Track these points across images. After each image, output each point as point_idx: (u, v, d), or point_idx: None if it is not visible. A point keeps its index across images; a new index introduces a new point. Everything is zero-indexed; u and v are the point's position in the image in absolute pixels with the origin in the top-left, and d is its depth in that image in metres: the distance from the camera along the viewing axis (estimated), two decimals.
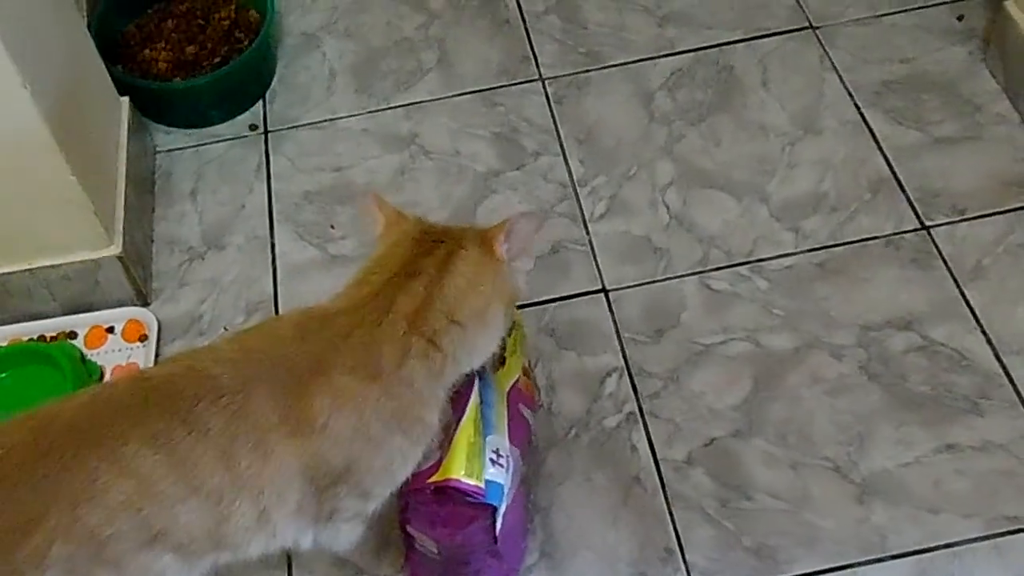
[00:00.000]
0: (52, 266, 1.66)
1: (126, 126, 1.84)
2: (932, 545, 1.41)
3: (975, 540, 1.40)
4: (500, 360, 1.39)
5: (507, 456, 1.29)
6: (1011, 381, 1.54)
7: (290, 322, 1.19)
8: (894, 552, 1.40)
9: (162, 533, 1.09)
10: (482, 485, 1.23)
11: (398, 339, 1.14)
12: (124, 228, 1.70)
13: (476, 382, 1.27)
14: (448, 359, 1.17)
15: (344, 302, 1.19)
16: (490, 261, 1.21)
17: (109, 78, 1.84)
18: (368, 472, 1.17)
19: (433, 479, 1.23)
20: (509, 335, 1.42)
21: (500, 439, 1.29)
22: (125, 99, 1.87)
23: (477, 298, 1.19)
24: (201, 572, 1.17)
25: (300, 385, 1.11)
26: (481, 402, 1.29)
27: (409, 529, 1.31)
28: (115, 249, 1.67)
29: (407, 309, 1.15)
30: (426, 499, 1.24)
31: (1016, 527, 1.41)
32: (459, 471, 1.21)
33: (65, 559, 1.05)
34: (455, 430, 1.24)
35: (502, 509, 1.26)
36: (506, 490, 1.27)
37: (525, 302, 1.68)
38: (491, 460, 1.26)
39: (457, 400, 1.26)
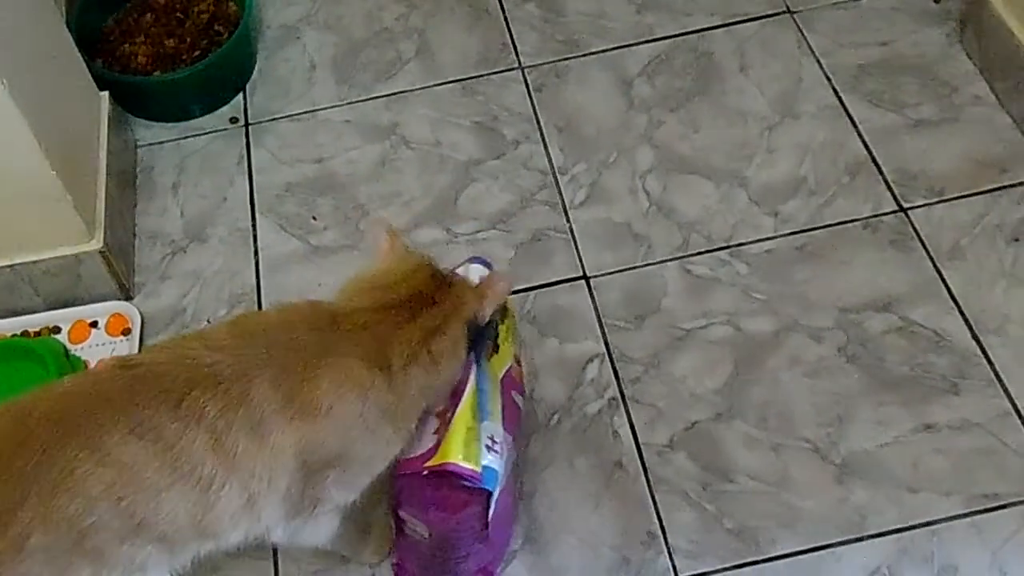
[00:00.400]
0: (34, 261, 1.66)
1: (106, 121, 1.84)
2: (911, 524, 1.42)
3: (954, 518, 1.42)
4: (494, 347, 1.40)
5: (502, 443, 1.30)
6: (988, 360, 1.56)
7: (301, 311, 1.22)
8: (873, 531, 1.42)
9: (145, 523, 1.09)
10: (479, 470, 1.23)
11: (411, 345, 1.19)
12: (106, 222, 1.70)
13: (473, 369, 1.28)
14: (440, 379, 1.23)
15: (368, 301, 1.22)
16: (481, 304, 1.28)
17: (88, 73, 1.84)
18: (356, 460, 1.18)
19: (430, 463, 1.23)
20: (502, 322, 1.43)
21: (495, 425, 1.30)
22: (105, 94, 1.87)
23: (465, 340, 1.26)
24: (182, 564, 1.18)
25: (309, 368, 1.13)
26: (477, 388, 1.30)
27: (400, 513, 1.31)
28: (97, 244, 1.67)
29: (426, 326, 1.20)
30: (420, 483, 1.25)
31: (994, 504, 1.43)
32: (457, 455, 1.22)
33: (43, 549, 1.06)
34: (452, 415, 1.25)
35: (495, 495, 1.27)
36: (500, 476, 1.28)
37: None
38: (487, 447, 1.27)
39: (455, 387, 1.27)
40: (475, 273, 1.37)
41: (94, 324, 1.72)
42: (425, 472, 1.23)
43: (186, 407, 1.09)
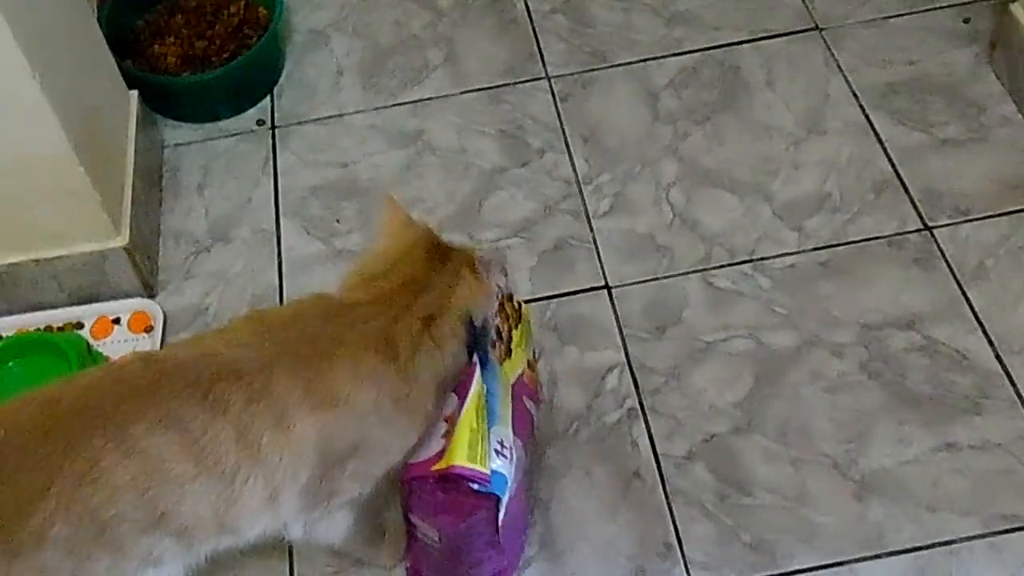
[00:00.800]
0: (59, 257, 1.67)
1: (135, 120, 1.85)
2: (930, 543, 1.41)
3: (972, 538, 1.41)
4: (506, 352, 1.40)
5: (511, 447, 1.30)
6: (1011, 381, 1.55)
7: (311, 304, 1.24)
8: (892, 549, 1.41)
9: (167, 515, 1.10)
10: (486, 471, 1.23)
11: (413, 335, 1.20)
12: (131, 220, 1.71)
13: (476, 371, 1.28)
14: (446, 361, 1.24)
15: (364, 294, 1.24)
16: (479, 286, 1.28)
17: (118, 72, 1.86)
18: (373, 450, 1.19)
19: (437, 467, 1.23)
20: (516, 328, 1.43)
21: (505, 430, 1.30)
22: (134, 93, 1.89)
23: (466, 319, 1.27)
24: (197, 559, 1.19)
25: (325, 359, 1.15)
26: (487, 392, 1.30)
27: (412, 517, 1.31)
28: (122, 241, 1.68)
29: (422, 314, 1.22)
30: (430, 487, 1.25)
31: (1013, 526, 1.41)
32: (462, 458, 1.22)
33: (65, 540, 1.06)
34: (457, 419, 1.24)
35: (505, 500, 1.27)
36: (509, 481, 1.27)
37: (528, 297, 1.69)
38: (495, 451, 1.26)
39: (458, 389, 1.27)
40: None
41: (117, 320, 1.73)
42: (433, 477, 1.23)
43: (211, 400, 1.10)
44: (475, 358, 1.29)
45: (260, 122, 2.02)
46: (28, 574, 1.07)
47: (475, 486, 1.23)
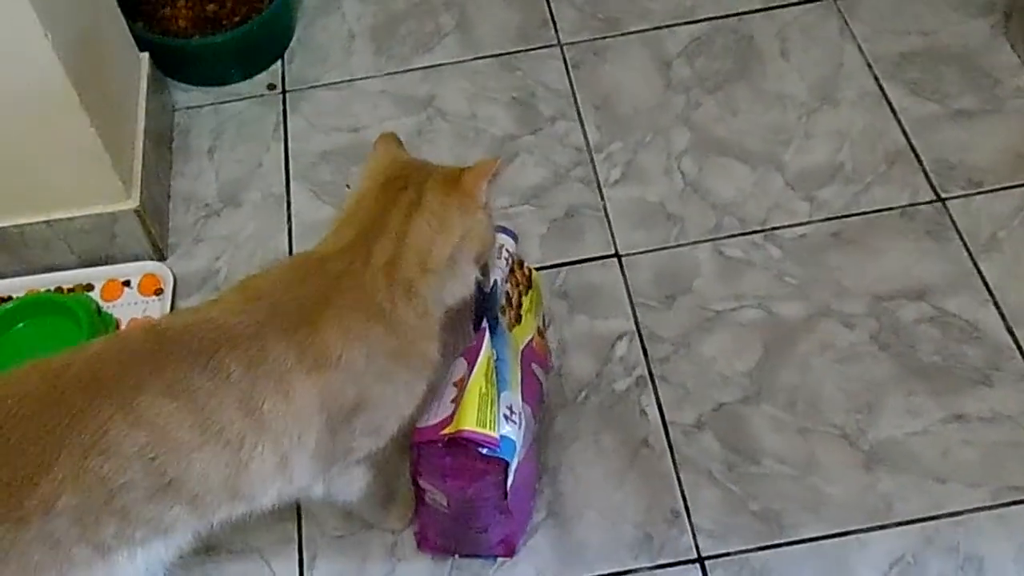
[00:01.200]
0: (69, 218, 1.67)
1: (145, 82, 1.85)
2: (937, 513, 1.41)
3: (980, 509, 1.41)
4: (516, 318, 1.40)
5: (520, 413, 1.30)
6: (1021, 353, 1.54)
7: (292, 265, 1.24)
8: (899, 519, 1.41)
9: (175, 483, 1.10)
10: (495, 435, 1.23)
11: (383, 288, 1.18)
12: (141, 182, 1.71)
13: (486, 337, 1.28)
14: (429, 302, 1.21)
15: (329, 247, 1.23)
16: (459, 205, 1.23)
17: (129, 34, 1.85)
18: (378, 406, 1.19)
19: (446, 431, 1.23)
20: (526, 294, 1.43)
21: (514, 396, 1.30)
22: (145, 55, 1.88)
23: (444, 245, 1.21)
24: (207, 527, 1.19)
25: (311, 323, 1.14)
26: (496, 358, 1.30)
27: (420, 481, 1.31)
28: (132, 203, 1.68)
29: (381, 262, 1.19)
30: (438, 451, 1.25)
31: (1020, 497, 1.41)
32: (471, 422, 1.22)
33: (72, 509, 1.06)
34: (467, 384, 1.24)
35: (513, 465, 1.27)
36: (518, 447, 1.28)
37: (539, 265, 1.69)
38: (504, 416, 1.26)
39: (468, 354, 1.27)
40: (498, 243, 1.36)
41: (127, 283, 1.73)
42: (442, 441, 1.23)
43: (213, 367, 1.10)
44: (484, 323, 1.29)
45: (271, 86, 2.01)
46: (36, 542, 1.07)
47: (484, 451, 1.23)
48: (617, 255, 1.71)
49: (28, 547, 1.07)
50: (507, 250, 1.38)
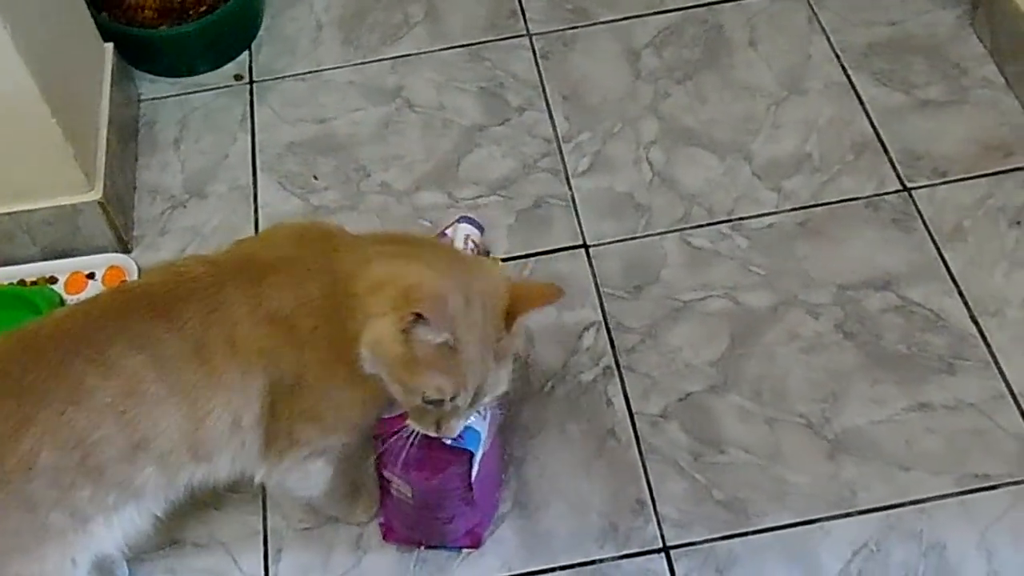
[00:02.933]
0: (32, 210, 1.65)
1: (110, 73, 1.83)
2: (901, 501, 1.42)
3: (944, 497, 1.42)
4: None
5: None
6: (985, 342, 1.55)
7: (288, 229, 1.25)
8: (863, 507, 1.42)
9: (144, 440, 1.11)
10: None
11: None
12: (105, 174, 1.69)
13: None
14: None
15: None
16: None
17: (93, 24, 1.84)
18: (317, 392, 1.17)
19: None
20: None
21: None
22: (109, 46, 1.87)
23: None
24: (177, 489, 1.20)
25: (270, 276, 1.13)
26: None
27: (385, 473, 1.31)
28: (96, 195, 1.67)
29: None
30: (403, 442, 1.24)
31: (984, 485, 1.42)
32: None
33: (52, 468, 1.08)
34: None
35: (478, 456, 1.27)
36: (483, 437, 1.27)
37: (506, 256, 1.69)
38: None
39: None
40: (463, 232, 1.36)
41: (91, 276, 1.71)
42: (405, 431, 1.22)
43: (173, 317, 1.11)
44: None
45: (238, 77, 2.00)
46: (14, 505, 1.09)
47: (448, 441, 1.23)
48: (585, 245, 1.71)
49: (6, 510, 1.08)
50: (473, 240, 1.38)
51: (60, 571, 1.16)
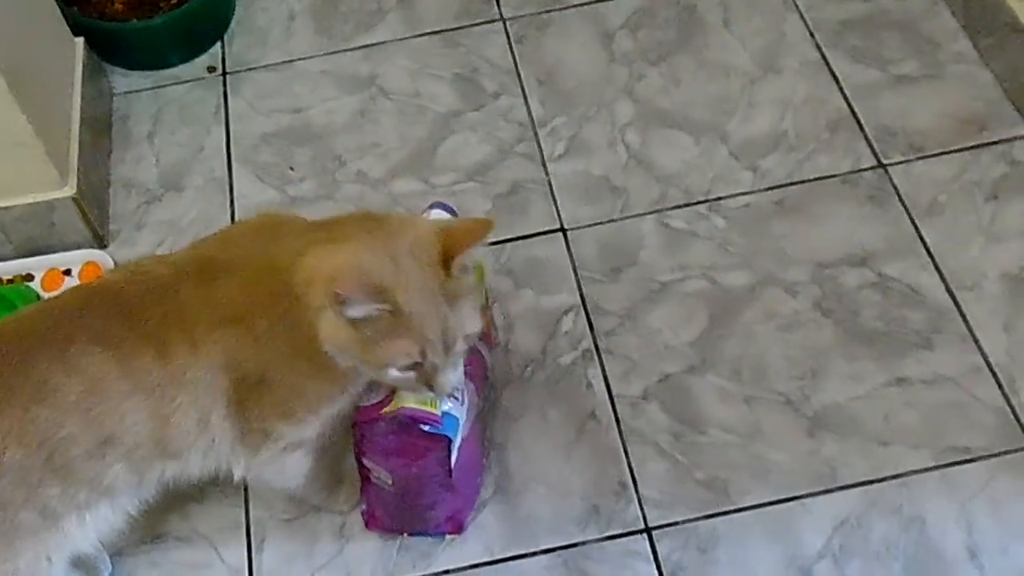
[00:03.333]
0: (5, 207, 1.65)
1: (81, 68, 1.82)
2: (881, 476, 1.42)
3: (923, 471, 1.42)
4: None
5: (462, 390, 1.30)
6: (962, 316, 1.55)
7: (248, 224, 1.26)
8: (843, 483, 1.42)
9: (111, 437, 1.11)
10: (436, 412, 1.23)
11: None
12: (79, 170, 1.69)
13: None
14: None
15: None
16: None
17: (63, 18, 1.82)
18: (285, 387, 1.17)
19: (387, 409, 1.23)
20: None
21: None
22: (80, 40, 1.85)
23: None
24: (149, 487, 1.20)
25: (229, 278, 1.13)
26: None
27: (365, 461, 1.31)
28: (70, 191, 1.66)
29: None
30: (380, 430, 1.25)
31: (963, 458, 1.43)
32: (412, 400, 1.22)
33: (18, 466, 1.07)
34: None
35: (457, 442, 1.27)
36: (461, 423, 1.28)
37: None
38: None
39: None
40: (436, 217, 1.36)
41: (67, 272, 1.71)
42: (383, 419, 1.23)
43: (134, 316, 1.11)
44: None
45: (211, 69, 1.99)
46: None
47: (426, 428, 1.23)
48: (562, 229, 1.71)
49: None
50: None
51: (35, 569, 1.16)
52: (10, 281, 1.69)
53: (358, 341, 1.07)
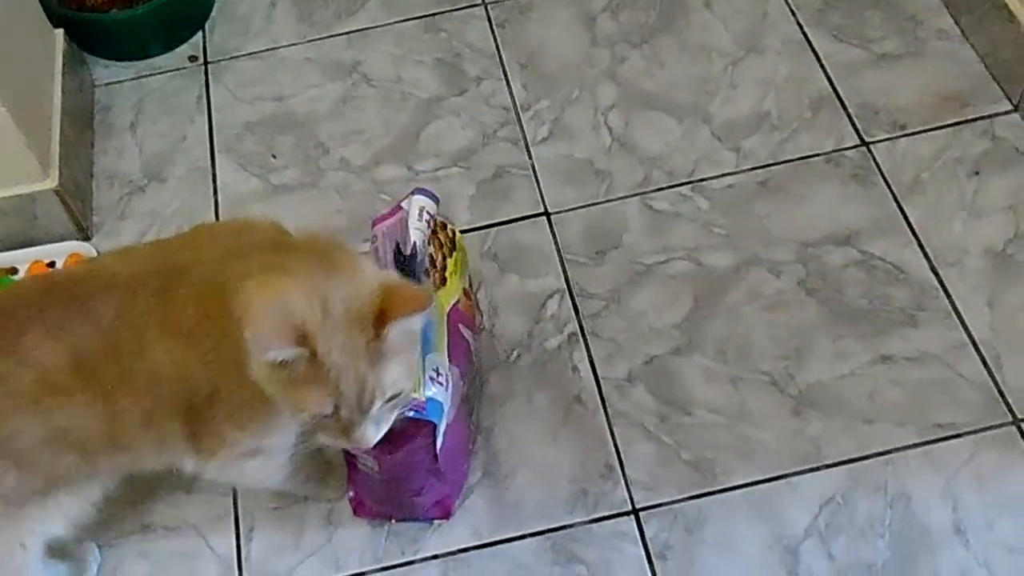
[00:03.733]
0: None
1: (61, 59, 1.81)
2: (866, 454, 1.43)
3: (908, 448, 1.43)
4: (441, 280, 1.39)
5: (447, 375, 1.30)
6: (946, 293, 1.56)
7: (205, 230, 1.25)
8: (829, 461, 1.43)
9: (62, 429, 1.10)
10: (421, 398, 1.23)
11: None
12: (61, 161, 1.68)
13: None
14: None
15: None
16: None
17: (41, 10, 1.82)
18: (234, 402, 1.14)
19: None
20: (450, 256, 1.42)
21: (440, 358, 1.30)
22: (59, 31, 1.85)
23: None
24: (107, 478, 1.20)
25: (183, 287, 1.11)
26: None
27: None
28: (51, 183, 1.65)
29: None
30: None
31: (948, 434, 1.43)
32: None
33: None
34: None
35: (442, 427, 1.27)
36: (446, 408, 1.28)
37: (468, 227, 1.69)
38: (431, 379, 1.26)
39: None
40: (418, 204, 1.36)
41: (52, 264, 1.70)
42: None
43: (89, 311, 1.10)
44: None
45: (192, 58, 1.98)
46: None
47: (411, 414, 1.23)
48: (546, 213, 1.71)
49: None
50: (428, 212, 1.37)
51: (11, 555, 1.16)
52: None
53: (276, 381, 1.05)
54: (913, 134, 1.74)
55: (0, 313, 1.12)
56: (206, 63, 1.97)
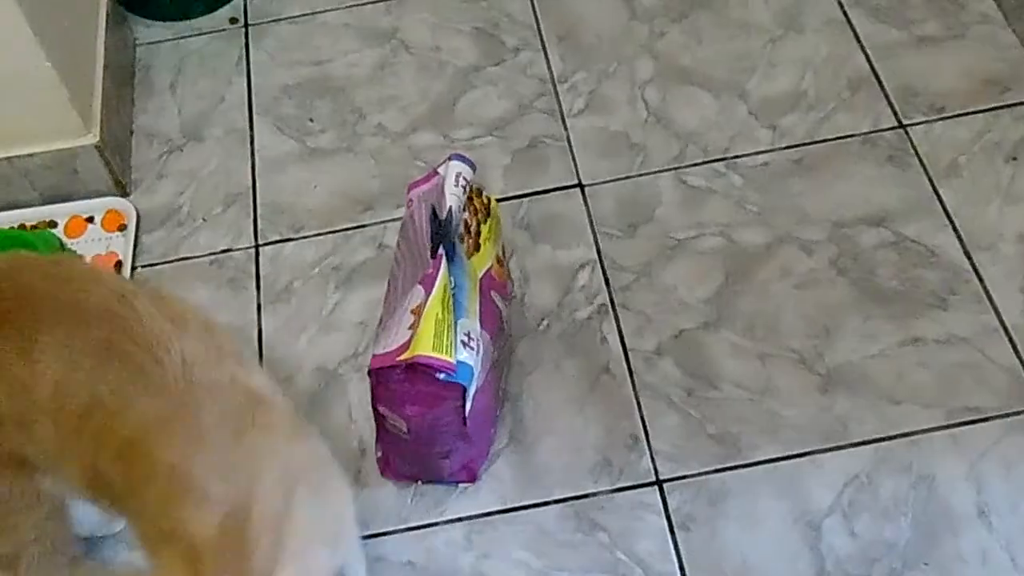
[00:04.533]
0: (29, 155, 1.66)
1: (104, 17, 1.83)
2: (891, 434, 1.43)
3: (933, 429, 1.43)
4: (474, 245, 1.40)
5: (477, 340, 1.31)
6: (978, 276, 1.56)
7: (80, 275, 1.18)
8: (854, 440, 1.43)
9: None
10: (452, 360, 1.24)
11: None
12: (102, 118, 1.70)
13: (443, 263, 1.28)
14: None
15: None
16: None
17: None
18: None
19: (402, 357, 1.24)
20: (484, 223, 1.43)
21: (471, 322, 1.31)
22: None
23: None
24: None
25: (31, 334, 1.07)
26: (454, 285, 1.30)
27: (380, 408, 1.33)
28: (93, 138, 1.67)
29: None
30: (396, 377, 1.26)
31: (974, 417, 1.44)
32: (427, 347, 1.23)
33: None
34: (423, 310, 1.25)
35: (471, 391, 1.29)
36: (476, 372, 1.29)
37: (502, 196, 1.69)
38: (462, 343, 1.28)
39: (425, 282, 1.28)
40: (454, 170, 1.36)
41: (90, 219, 1.73)
42: (399, 366, 1.24)
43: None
44: (441, 250, 1.30)
45: (233, 20, 2.00)
46: None
47: (441, 376, 1.25)
48: (580, 185, 1.72)
49: None
50: (464, 178, 1.38)
51: None
52: (34, 227, 1.72)
53: None
54: (951, 117, 1.73)
55: None
56: (246, 25, 1.99)
